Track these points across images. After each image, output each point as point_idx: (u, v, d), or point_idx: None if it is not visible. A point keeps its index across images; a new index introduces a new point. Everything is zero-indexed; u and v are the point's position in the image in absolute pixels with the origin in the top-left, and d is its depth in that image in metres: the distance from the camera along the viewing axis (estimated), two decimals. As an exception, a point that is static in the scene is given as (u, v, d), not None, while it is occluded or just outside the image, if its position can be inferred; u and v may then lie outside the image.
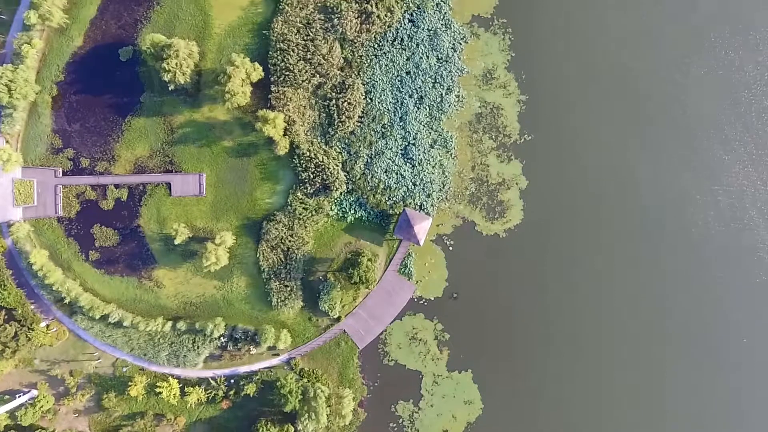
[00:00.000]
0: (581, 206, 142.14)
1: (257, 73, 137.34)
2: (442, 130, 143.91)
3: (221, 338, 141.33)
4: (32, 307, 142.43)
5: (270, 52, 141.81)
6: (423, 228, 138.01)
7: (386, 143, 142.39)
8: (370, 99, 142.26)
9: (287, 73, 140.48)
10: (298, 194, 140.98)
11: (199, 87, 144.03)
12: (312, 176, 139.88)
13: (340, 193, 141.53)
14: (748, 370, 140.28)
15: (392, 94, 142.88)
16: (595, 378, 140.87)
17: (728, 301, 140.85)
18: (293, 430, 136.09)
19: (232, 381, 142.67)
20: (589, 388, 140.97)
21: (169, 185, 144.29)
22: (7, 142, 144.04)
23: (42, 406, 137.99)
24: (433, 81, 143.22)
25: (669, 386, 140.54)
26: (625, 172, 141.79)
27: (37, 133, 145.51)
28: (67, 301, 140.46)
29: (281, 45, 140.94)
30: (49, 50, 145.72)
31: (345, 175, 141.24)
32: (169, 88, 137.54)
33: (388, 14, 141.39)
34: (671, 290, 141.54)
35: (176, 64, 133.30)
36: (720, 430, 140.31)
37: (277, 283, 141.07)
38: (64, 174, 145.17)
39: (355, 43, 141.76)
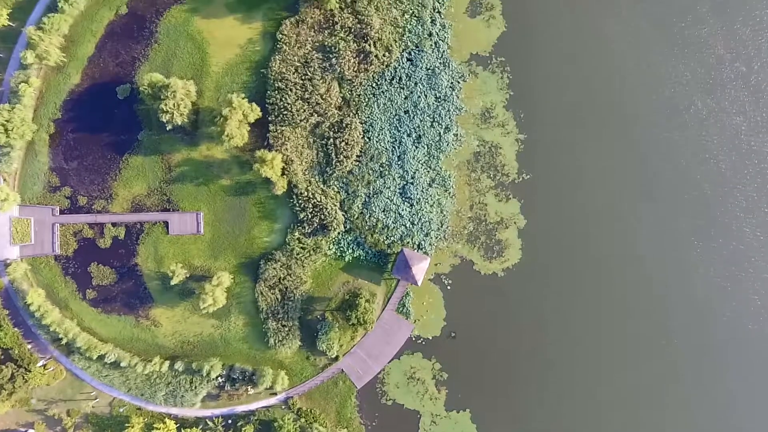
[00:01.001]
0: (579, 246, 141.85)
1: (255, 113, 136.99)
2: (441, 169, 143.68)
3: (219, 378, 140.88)
4: (29, 346, 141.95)
5: (268, 91, 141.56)
6: (421, 269, 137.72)
7: (384, 182, 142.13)
8: (369, 138, 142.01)
9: (285, 112, 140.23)
10: (296, 234, 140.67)
11: (197, 125, 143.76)
12: (310, 216, 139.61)
13: (338, 233, 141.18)
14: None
15: (390, 133, 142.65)
16: (595, 419, 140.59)
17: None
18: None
19: (229, 421, 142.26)
20: (588, 429, 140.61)
21: (166, 224, 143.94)
22: (4, 180, 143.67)
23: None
24: (431, 120, 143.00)
25: (671, 425, 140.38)
26: (624, 212, 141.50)
27: (35, 171, 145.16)
28: (64, 341, 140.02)
29: (279, 84, 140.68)
30: (46, 88, 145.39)
31: (343, 215, 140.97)
32: (167, 128, 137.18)
33: (387, 54, 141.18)
34: (672, 331, 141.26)
35: (174, 105, 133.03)
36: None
37: (275, 323, 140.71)
38: (62, 212, 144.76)
39: (354, 82, 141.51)
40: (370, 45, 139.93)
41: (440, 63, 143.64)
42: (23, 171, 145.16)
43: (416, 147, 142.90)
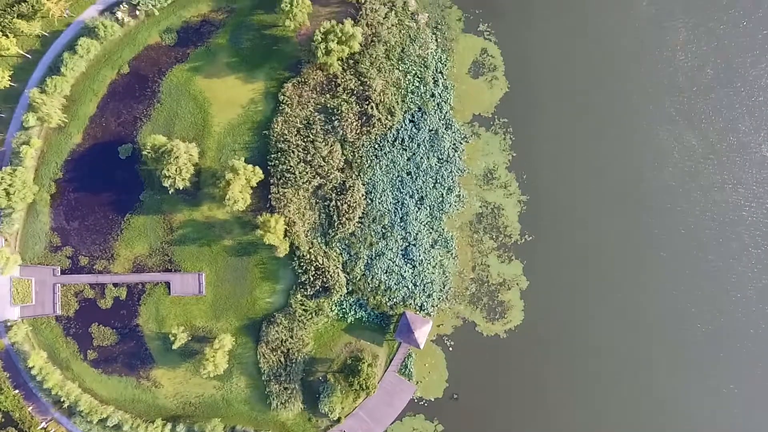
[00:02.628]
0: (582, 308, 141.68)
1: (257, 176, 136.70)
2: (443, 230, 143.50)
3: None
4: (30, 409, 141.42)
5: (270, 153, 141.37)
6: (423, 332, 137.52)
7: (387, 244, 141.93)
8: (371, 200, 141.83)
9: (287, 174, 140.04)
10: (298, 296, 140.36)
11: (199, 185, 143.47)
12: (312, 279, 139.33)
13: (341, 295, 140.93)
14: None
15: (393, 194, 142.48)
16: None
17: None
18: None
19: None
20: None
21: (168, 284, 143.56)
22: (5, 240, 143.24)
23: None
24: (434, 181, 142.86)
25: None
26: (626, 274, 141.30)
27: (36, 231, 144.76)
28: (66, 404, 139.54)
29: (281, 146, 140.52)
30: (47, 148, 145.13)
31: (345, 277, 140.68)
32: (169, 192, 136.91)
33: (389, 117, 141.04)
34: (675, 391, 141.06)
35: (176, 169, 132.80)
36: None
37: (277, 385, 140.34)
38: (63, 272, 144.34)
39: (356, 144, 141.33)
40: (372, 108, 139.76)
41: (443, 124, 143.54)
42: (24, 231, 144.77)
43: (418, 208, 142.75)
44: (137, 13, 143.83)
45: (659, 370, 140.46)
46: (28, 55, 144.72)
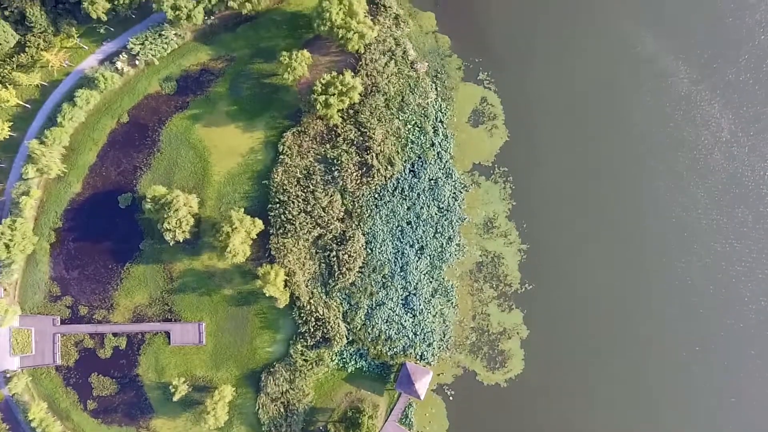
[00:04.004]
0: (582, 357, 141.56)
1: (257, 228, 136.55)
2: (443, 279, 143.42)
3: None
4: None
5: (270, 204, 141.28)
6: (424, 384, 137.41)
7: (387, 293, 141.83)
8: (371, 249, 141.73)
9: (287, 224, 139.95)
10: (299, 346, 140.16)
11: (199, 234, 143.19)
12: (312, 330, 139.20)
13: (341, 346, 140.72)
14: None
15: (393, 244, 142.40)
16: None
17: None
18: None
19: None
20: None
21: (168, 334, 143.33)
22: (4, 290, 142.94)
23: None
24: (434, 231, 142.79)
25: None
26: (626, 324, 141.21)
27: (35, 280, 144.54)
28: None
29: (281, 196, 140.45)
30: (47, 197, 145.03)
31: (346, 327, 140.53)
32: (170, 244, 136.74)
33: (389, 167, 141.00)
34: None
35: (176, 222, 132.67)
36: None
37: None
38: (63, 322, 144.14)
39: (356, 194, 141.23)
40: (372, 158, 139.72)
41: (443, 173, 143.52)
42: (24, 280, 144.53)
43: (419, 258, 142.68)
44: (137, 62, 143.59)
45: (661, 421, 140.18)
46: (27, 105, 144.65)
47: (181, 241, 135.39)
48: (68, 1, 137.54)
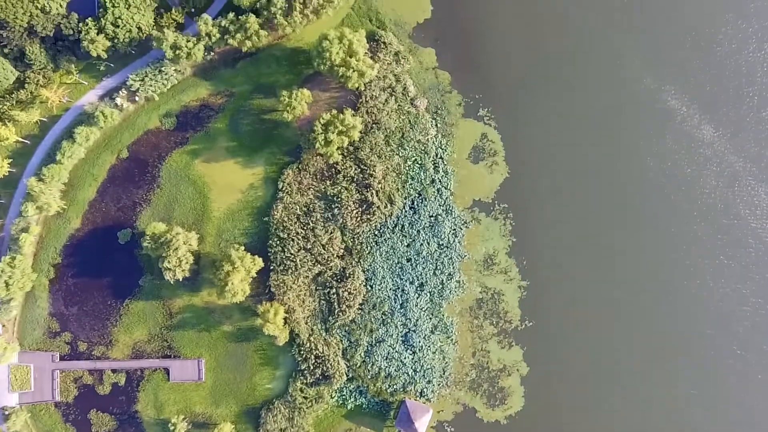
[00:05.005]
0: (583, 394, 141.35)
1: (257, 266, 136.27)
2: (443, 316, 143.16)
3: None
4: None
5: (270, 241, 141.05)
6: (423, 422, 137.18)
7: (387, 330, 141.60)
8: (371, 286, 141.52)
9: (287, 261, 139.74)
10: (298, 384, 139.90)
11: (198, 270, 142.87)
12: (312, 367, 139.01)
13: (341, 383, 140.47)
14: None
15: (393, 281, 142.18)
16: None
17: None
18: None
19: None
20: None
21: (167, 370, 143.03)
22: (3, 326, 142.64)
23: None
24: (434, 267, 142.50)
25: None
26: (626, 361, 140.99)
27: (34, 317, 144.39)
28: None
29: (281, 234, 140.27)
30: (46, 232, 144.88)
31: (345, 364, 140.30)
32: (171, 282, 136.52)
33: (389, 205, 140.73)
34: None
35: (176, 261, 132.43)
36: None
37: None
38: (62, 358, 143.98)
39: (356, 231, 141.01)
40: (372, 195, 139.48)
41: (443, 210, 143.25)
42: (23, 317, 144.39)
43: (418, 294, 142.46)
44: (136, 98, 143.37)
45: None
46: (26, 141, 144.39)
47: (181, 279, 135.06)
48: (68, 38, 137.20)
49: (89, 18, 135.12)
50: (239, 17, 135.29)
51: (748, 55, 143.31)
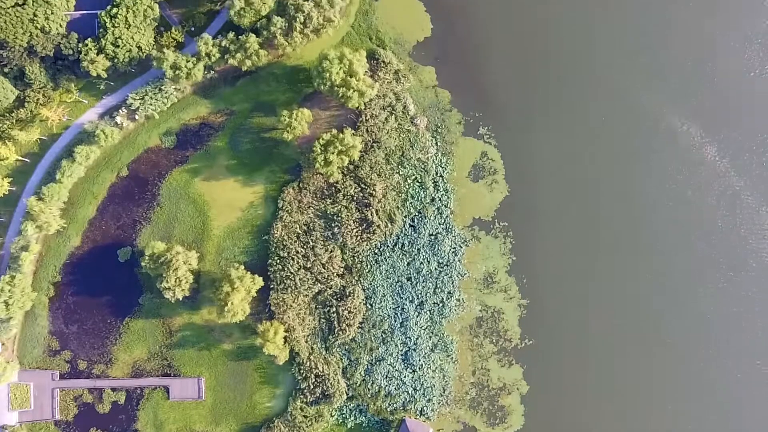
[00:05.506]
0: (583, 413, 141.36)
1: (257, 285, 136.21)
2: (443, 334, 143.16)
3: None
4: None
5: (270, 260, 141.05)
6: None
7: (387, 349, 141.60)
8: (371, 305, 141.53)
9: (287, 280, 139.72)
10: (298, 402, 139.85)
11: (198, 289, 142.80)
12: (312, 386, 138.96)
13: (341, 402, 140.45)
14: None
15: (393, 299, 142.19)
16: None
17: None
18: None
19: None
20: None
21: (167, 389, 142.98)
22: (2, 344, 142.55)
23: None
24: (433, 286, 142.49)
25: None
26: (627, 381, 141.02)
27: (34, 335, 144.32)
28: None
29: (281, 252, 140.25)
30: (46, 251, 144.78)
31: (345, 382, 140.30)
32: (171, 301, 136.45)
33: (389, 224, 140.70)
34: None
35: (176, 281, 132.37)
36: None
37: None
38: (62, 376, 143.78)
39: (356, 249, 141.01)
40: (372, 214, 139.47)
41: (443, 228, 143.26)
42: (22, 335, 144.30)
43: (418, 313, 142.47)
44: (136, 117, 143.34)
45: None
46: (26, 159, 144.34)
47: (181, 299, 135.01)
48: (67, 58, 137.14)
49: (89, 38, 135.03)
50: (239, 37, 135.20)
51: (750, 76, 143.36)
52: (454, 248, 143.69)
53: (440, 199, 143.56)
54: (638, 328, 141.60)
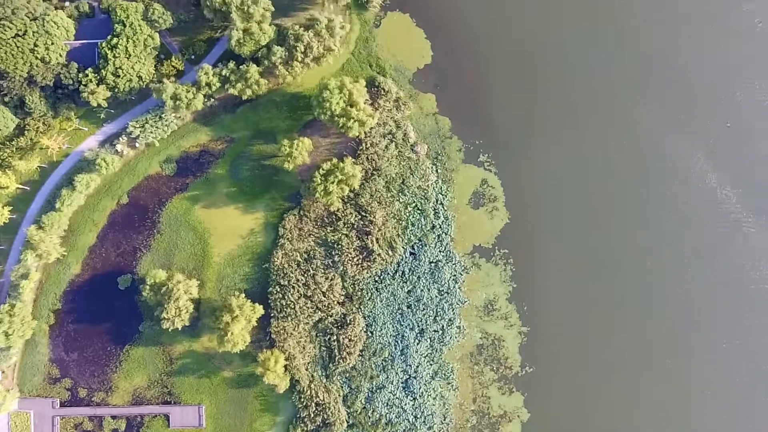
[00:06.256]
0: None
1: (257, 314, 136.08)
2: (443, 361, 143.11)
3: None
4: None
5: (270, 287, 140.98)
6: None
7: (387, 377, 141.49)
8: (371, 332, 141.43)
9: (287, 309, 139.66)
10: (299, 431, 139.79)
11: (198, 316, 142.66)
12: (312, 415, 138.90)
13: (342, 430, 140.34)
14: None
15: (393, 327, 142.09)
16: None
17: None
18: None
19: None
20: None
21: (167, 416, 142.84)
22: (2, 372, 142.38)
23: None
24: (434, 313, 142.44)
25: None
26: (627, 408, 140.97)
27: (34, 362, 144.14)
28: None
29: (281, 281, 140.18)
30: (46, 278, 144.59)
31: (346, 411, 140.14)
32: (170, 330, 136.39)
33: (390, 252, 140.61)
34: None
35: (176, 311, 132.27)
36: None
37: None
38: (62, 404, 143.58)
39: (357, 277, 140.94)
40: (373, 242, 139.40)
41: (443, 256, 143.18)
42: (23, 363, 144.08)
43: (419, 341, 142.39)
44: (137, 144, 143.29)
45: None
46: (26, 188, 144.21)
47: (180, 329, 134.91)
48: (67, 87, 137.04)
49: (89, 68, 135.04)
50: (240, 67, 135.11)
51: (756, 111, 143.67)
52: (455, 276, 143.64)
53: (440, 227, 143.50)
54: (640, 356, 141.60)
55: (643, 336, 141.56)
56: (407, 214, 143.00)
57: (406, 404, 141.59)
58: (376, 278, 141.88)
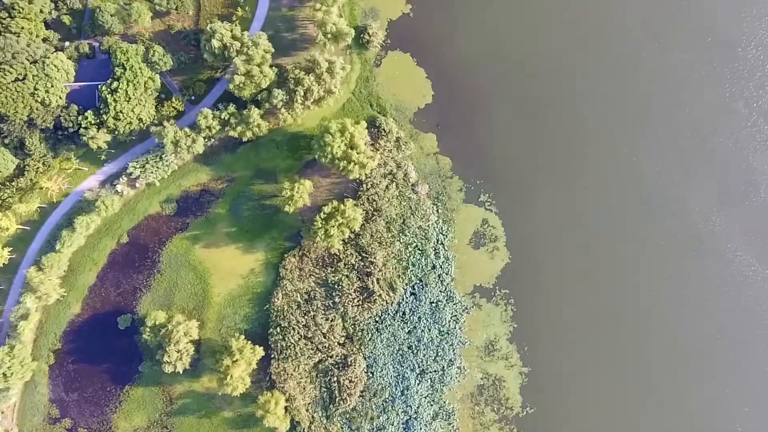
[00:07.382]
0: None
1: (257, 356, 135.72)
2: (444, 402, 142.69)
3: None
4: None
5: (270, 329, 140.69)
6: None
7: (388, 418, 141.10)
8: (372, 373, 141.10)
9: (288, 350, 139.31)
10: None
11: (199, 357, 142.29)
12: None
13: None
14: None
15: (394, 368, 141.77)
16: None
17: None
18: None
19: None
20: None
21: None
22: (2, 412, 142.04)
23: None
24: (434, 354, 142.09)
25: None
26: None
27: (34, 402, 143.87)
28: None
29: (282, 322, 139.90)
30: (45, 318, 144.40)
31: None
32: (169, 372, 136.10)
33: (390, 293, 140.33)
34: None
35: (177, 355, 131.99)
36: None
37: None
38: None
39: (357, 318, 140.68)
40: (373, 283, 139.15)
41: (444, 296, 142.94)
42: (22, 403, 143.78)
43: (419, 381, 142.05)
44: (137, 184, 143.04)
45: None
46: (26, 227, 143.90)
47: (181, 372, 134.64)
48: (67, 129, 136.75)
49: (89, 110, 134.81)
50: (241, 111, 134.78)
51: (752, 149, 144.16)
52: (455, 316, 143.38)
53: (441, 267, 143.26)
54: (642, 397, 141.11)
55: (645, 379, 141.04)
56: (408, 255, 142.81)
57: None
58: (377, 319, 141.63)
